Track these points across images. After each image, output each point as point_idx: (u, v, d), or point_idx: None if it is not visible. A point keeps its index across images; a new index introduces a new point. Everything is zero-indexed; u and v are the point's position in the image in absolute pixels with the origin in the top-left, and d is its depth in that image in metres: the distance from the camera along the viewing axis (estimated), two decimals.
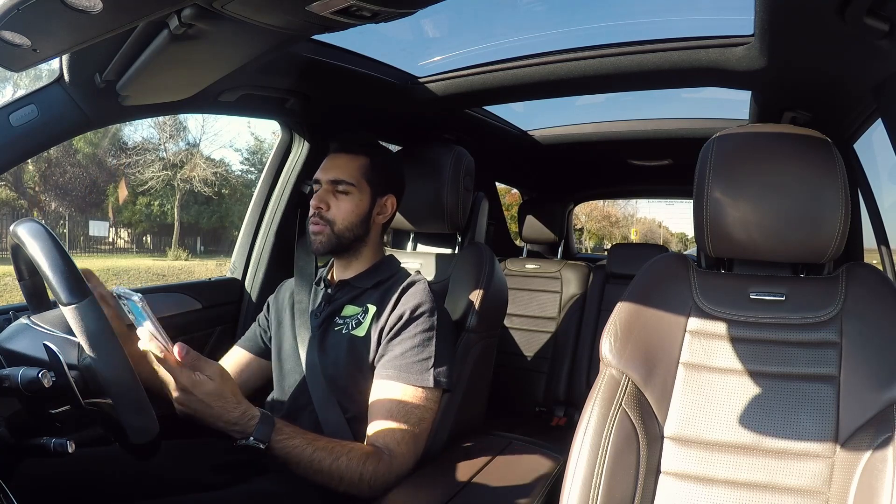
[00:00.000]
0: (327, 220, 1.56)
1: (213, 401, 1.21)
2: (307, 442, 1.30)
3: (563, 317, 3.17)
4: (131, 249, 21.89)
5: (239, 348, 1.77)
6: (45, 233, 1.01)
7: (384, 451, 1.37)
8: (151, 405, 1.02)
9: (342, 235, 1.57)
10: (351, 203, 1.57)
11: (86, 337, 0.97)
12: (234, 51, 1.22)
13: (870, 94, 1.46)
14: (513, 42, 1.93)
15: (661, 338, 1.28)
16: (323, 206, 1.56)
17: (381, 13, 0.98)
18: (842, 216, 1.20)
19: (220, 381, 1.23)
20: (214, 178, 21.73)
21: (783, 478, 1.14)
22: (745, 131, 1.34)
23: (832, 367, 1.17)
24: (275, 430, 1.27)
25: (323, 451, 1.30)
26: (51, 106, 1.38)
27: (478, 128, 2.50)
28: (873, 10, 1.07)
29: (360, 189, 1.58)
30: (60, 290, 0.97)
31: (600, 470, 1.15)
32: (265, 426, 1.26)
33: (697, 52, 1.56)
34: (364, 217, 1.59)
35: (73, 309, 0.97)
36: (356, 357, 1.50)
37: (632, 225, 37.28)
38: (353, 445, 1.36)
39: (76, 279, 0.99)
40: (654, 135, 2.68)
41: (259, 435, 1.24)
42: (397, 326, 1.48)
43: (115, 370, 0.98)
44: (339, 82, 1.87)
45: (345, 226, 1.56)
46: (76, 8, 0.83)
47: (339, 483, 1.30)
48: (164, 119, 20.70)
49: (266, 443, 1.25)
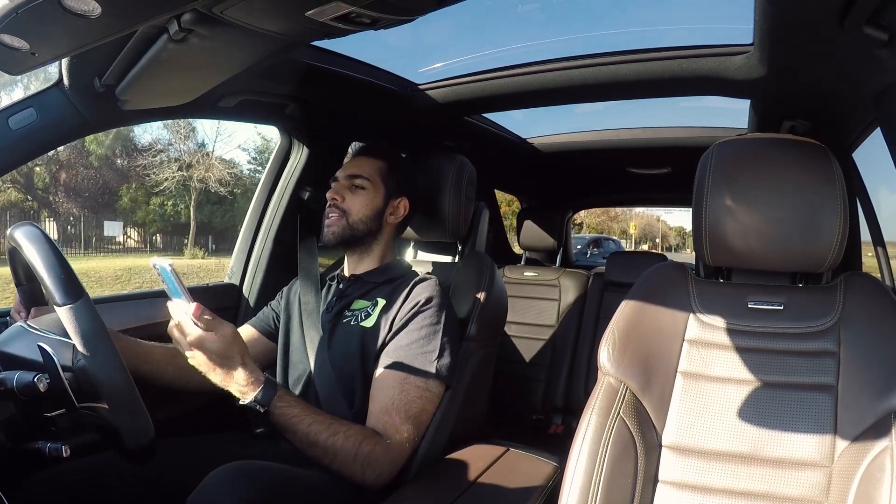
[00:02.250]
0: (342, 210, 1.62)
1: (219, 360, 1.25)
2: (306, 413, 1.33)
3: (562, 324, 3.17)
4: (143, 249, 21.91)
5: (249, 326, 1.80)
6: (42, 236, 1.01)
7: (382, 436, 1.37)
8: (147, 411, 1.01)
9: (355, 227, 1.62)
10: (365, 197, 1.64)
11: (79, 337, 0.97)
12: (233, 56, 1.22)
13: (869, 104, 1.47)
14: (513, 50, 1.94)
15: (660, 346, 1.28)
16: (338, 198, 1.63)
17: (380, 20, 0.99)
18: (840, 225, 1.20)
19: (228, 342, 1.25)
20: (230, 178, 21.89)
21: (781, 487, 1.13)
22: (744, 140, 1.34)
23: (830, 376, 1.17)
24: (277, 396, 1.30)
25: (321, 425, 1.32)
26: (50, 109, 1.38)
27: (477, 135, 2.51)
28: (873, 20, 1.07)
29: (375, 186, 1.65)
30: (55, 290, 0.97)
31: (598, 478, 1.15)
32: (268, 390, 1.29)
33: (697, 61, 1.56)
34: (377, 213, 1.65)
35: (67, 309, 0.97)
36: (363, 348, 1.51)
37: (630, 219, 37.54)
38: (352, 426, 1.37)
39: (71, 280, 0.99)
40: (653, 143, 2.68)
41: (261, 398, 1.28)
42: (406, 317, 1.50)
43: (108, 371, 0.98)
44: (339, 88, 1.87)
45: (359, 217, 1.62)
46: (75, 12, 0.83)
47: (332, 459, 1.32)
48: (180, 122, 20.80)
49: (266, 407, 1.28)
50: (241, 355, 1.28)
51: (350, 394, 1.49)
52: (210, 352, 1.24)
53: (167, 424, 1.11)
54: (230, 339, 1.26)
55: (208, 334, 1.24)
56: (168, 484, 1.31)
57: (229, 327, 1.28)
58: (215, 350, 1.24)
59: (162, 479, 1.32)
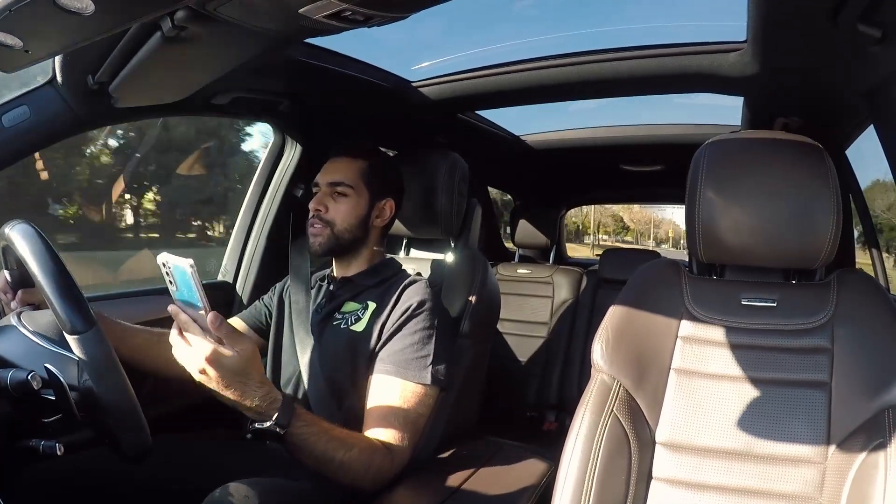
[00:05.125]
0: (326, 221, 1.57)
1: (235, 378, 1.12)
2: (323, 431, 1.26)
3: (555, 322, 3.17)
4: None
5: (239, 320, 1.76)
6: (41, 242, 1.00)
7: (387, 447, 1.36)
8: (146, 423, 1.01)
9: (341, 237, 1.58)
10: (349, 205, 1.59)
11: (90, 367, 0.96)
12: (226, 53, 1.22)
13: (862, 101, 1.47)
14: (506, 47, 1.94)
15: (653, 343, 1.28)
16: (322, 209, 1.58)
17: (374, 17, 0.98)
18: (833, 222, 1.21)
19: (247, 359, 1.12)
20: None
21: (775, 484, 1.14)
22: (737, 137, 1.34)
23: (824, 373, 1.18)
24: (295, 416, 1.20)
25: (336, 442, 1.26)
26: (43, 107, 1.37)
27: (471, 132, 2.51)
28: (866, 17, 1.07)
29: (358, 191, 1.60)
30: (65, 318, 0.96)
31: (591, 475, 1.15)
32: (286, 411, 1.18)
33: (690, 58, 1.56)
34: (362, 219, 1.61)
35: (77, 339, 0.96)
36: (353, 352, 1.49)
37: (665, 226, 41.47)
38: (363, 439, 1.35)
39: (80, 307, 0.97)
40: (646, 140, 2.69)
41: (280, 420, 1.17)
42: (398, 322, 1.48)
43: (116, 398, 0.97)
44: (332, 85, 1.86)
45: (344, 227, 1.58)
46: (68, 10, 0.82)
47: (345, 475, 1.28)
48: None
49: (286, 428, 1.18)
50: (260, 373, 1.17)
51: (340, 395, 1.48)
52: (225, 369, 1.10)
53: (158, 422, 1.09)
54: (249, 355, 1.13)
55: (225, 349, 1.10)
56: (159, 481, 1.30)
57: (249, 342, 1.15)
58: (231, 367, 1.10)
59: (153, 477, 1.30)
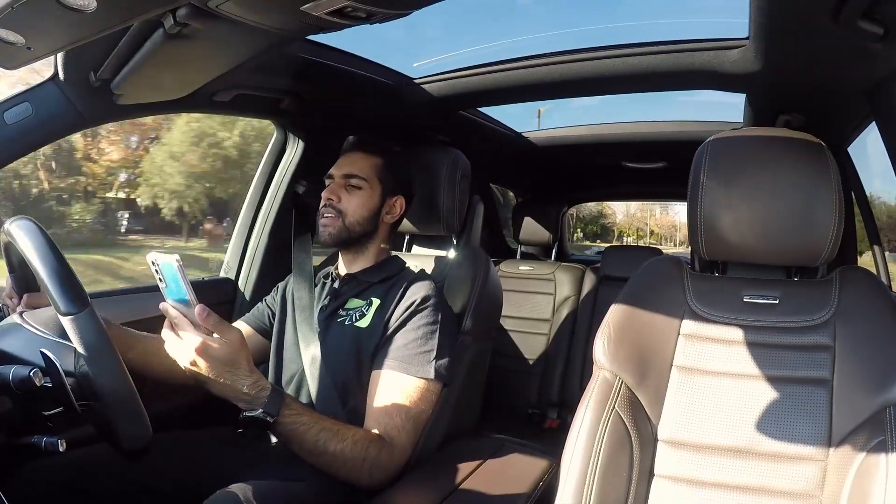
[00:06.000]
0: (338, 210, 1.59)
1: (224, 367, 1.16)
2: (314, 421, 1.27)
3: (557, 319, 3.17)
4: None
5: (243, 322, 1.76)
6: (41, 234, 1.00)
7: (386, 439, 1.36)
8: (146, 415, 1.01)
9: (352, 228, 1.59)
10: (362, 197, 1.61)
11: (84, 348, 0.96)
12: (228, 51, 1.22)
13: (864, 98, 1.46)
14: (508, 44, 1.94)
15: (655, 340, 1.28)
16: (334, 198, 1.59)
17: (375, 14, 0.98)
18: (835, 219, 1.21)
19: (235, 348, 1.17)
20: None
21: (776, 481, 1.14)
22: (739, 135, 1.34)
23: (825, 370, 1.17)
24: (284, 405, 1.23)
25: (328, 433, 1.28)
26: (45, 104, 1.37)
27: (473, 129, 2.50)
28: (868, 14, 1.07)
29: (372, 185, 1.62)
30: (58, 299, 0.96)
31: (593, 472, 1.15)
32: (275, 399, 1.22)
33: (692, 55, 1.56)
34: (374, 213, 1.62)
35: (71, 320, 0.96)
36: (358, 348, 1.49)
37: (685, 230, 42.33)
38: (357, 430, 1.34)
39: (75, 288, 0.97)
40: (648, 137, 2.69)
41: (269, 408, 1.20)
42: (402, 317, 1.49)
43: (112, 381, 0.97)
44: (334, 83, 1.87)
45: (355, 219, 1.59)
46: (70, 7, 0.82)
47: (340, 467, 1.29)
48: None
49: (275, 416, 1.21)
50: (248, 362, 1.21)
51: (344, 393, 1.48)
52: (214, 359, 1.15)
53: (158, 419, 1.09)
54: (237, 345, 1.18)
55: (213, 339, 1.15)
56: (158, 479, 1.30)
57: (236, 332, 1.20)
58: (220, 357, 1.15)
59: (152, 474, 1.30)
